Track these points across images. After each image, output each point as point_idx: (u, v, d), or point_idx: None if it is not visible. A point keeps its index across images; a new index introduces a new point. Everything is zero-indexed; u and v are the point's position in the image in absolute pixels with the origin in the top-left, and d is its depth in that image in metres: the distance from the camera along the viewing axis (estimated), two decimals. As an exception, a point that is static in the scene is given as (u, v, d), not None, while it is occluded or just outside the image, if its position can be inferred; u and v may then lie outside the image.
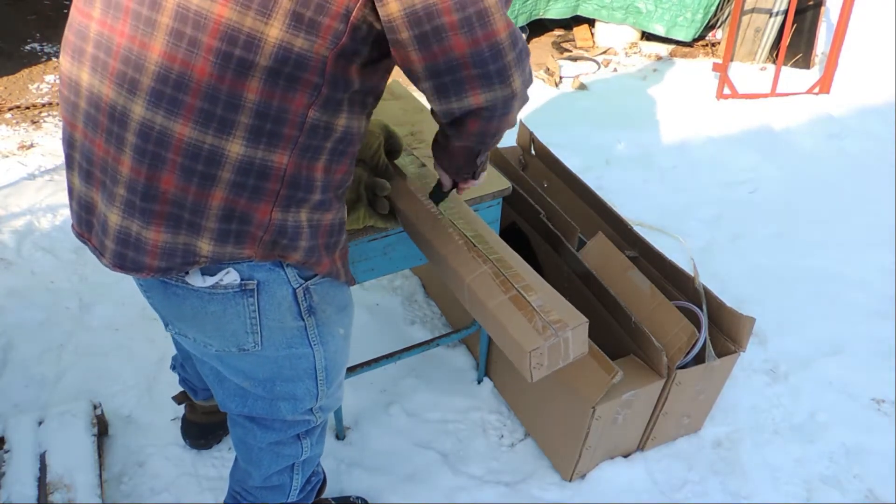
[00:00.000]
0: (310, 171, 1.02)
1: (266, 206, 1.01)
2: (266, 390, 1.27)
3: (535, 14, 4.08)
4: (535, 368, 1.20)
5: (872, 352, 2.30)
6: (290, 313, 1.15)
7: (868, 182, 3.16)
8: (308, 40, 0.92)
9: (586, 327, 1.22)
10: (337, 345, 1.29)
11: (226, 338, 1.15)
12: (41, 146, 3.06)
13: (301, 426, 1.38)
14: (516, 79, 1.00)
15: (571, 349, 1.22)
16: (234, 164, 0.97)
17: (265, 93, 0.94)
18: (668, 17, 4.12)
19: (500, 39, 0.95)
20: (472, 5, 0.92)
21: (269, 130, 0.96)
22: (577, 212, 2.12)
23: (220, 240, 1.01)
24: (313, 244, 1.09)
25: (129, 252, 1.03)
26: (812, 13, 4.02)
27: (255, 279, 1.08)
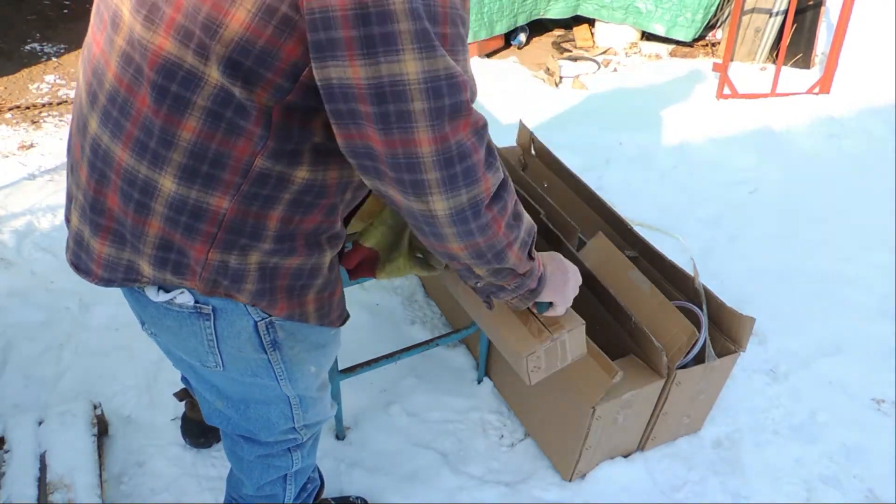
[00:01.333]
0: (259, 219, 0.94)
1: (202, 246, 0.94)
2: (240, 413, 1.23)
3: (536, 14, 4.08)
4: (532, 372, 1.20)
5: (872, 352, 2.30)
6: (251, 345, 1.07)
7: (868, 182, 3.16)
8: (247, 90, 0.84)
9: (583, 329, 1.22)
10: (307, 382, 1.20)
11: (189, 351, 1.11)
12: (41, 146, 3.06)
13: (288, 442, 1.35)
14: (437, 201, 0.86)
15: (569, 351, 1.22)
16: (166, 198, 0.91)
17: (203, 134, 0.87)
18: (668, 17, 4.12)
19: (420, 152, 0.82)
20: (394, 102, 0.79)
21: (205, 172, 0.89)
22: (577, 212, 2.12)
23: (159, 266, 0.97)
24: (264, 287, 1.00)
25: (82, 254, 1.05)
26: (812, 13, 4.02)
27: (211, 304, 1.02)
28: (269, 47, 0.81)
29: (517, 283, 1.07)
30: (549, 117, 3.54)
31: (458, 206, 0.87)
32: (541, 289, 1.12)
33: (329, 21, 0.76)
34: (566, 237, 1.87)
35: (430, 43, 0.78)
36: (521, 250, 1.01)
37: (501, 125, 3.40)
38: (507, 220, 0.95)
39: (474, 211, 0.89)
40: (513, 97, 3.72)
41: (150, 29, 0.86)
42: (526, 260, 1.04)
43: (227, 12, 0.80)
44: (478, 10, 3.84)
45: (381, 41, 0.76)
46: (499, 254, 0.97)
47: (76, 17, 4.17)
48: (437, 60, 0.79)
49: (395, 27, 0.76)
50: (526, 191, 1.98)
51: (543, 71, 4.01)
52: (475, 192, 0.88)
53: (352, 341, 2.16)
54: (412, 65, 0.77)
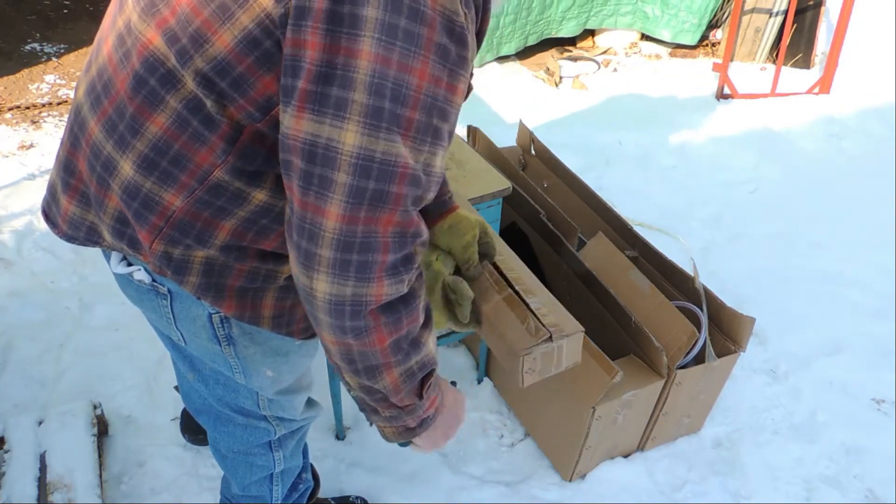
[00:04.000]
0: (209, 225, 0.92)
1: (148, 235, 0.94)
2: (209, 389, 1.21)
3: (547, 33, 4.07)
4: (526, 373, 1.19)
5: (872, 352, 2.30)
6: (206, 333, 1.06)
7: (868, 182, 3.16)
8: (219, 105, 0.84)
9: (581, 337, 1.21)
10: (262, 382, 1.16)
11: (154, 322, 1.13)
12: (41, 146, 3.06)
13: (262, 434, 1.30)
14: (321, 281, 0.81)
15: (565, 358, 1.22)
16: (123, 181, 0.92)
17: (169, 132, 0.87)
18: (674, 22, 4.11)
19: (324, 224, 0.78)
20: (322, 165, 0.77)
21: (163, 168, 0.89)
22: (577, 212, 2.12)
23: (117, 237, 0.99)
24: (210, 282, 0.98)
25: (53, 206, 1.07)
26: (812, 13, 4.02)
27: (167, 287, 1.02)
28: (247, 76, 0.81)
29: (392, 414, 0.97)
30: (549, 117, 3.54)
31: (339, 297, 0.82)
32: (420, 431, 1.02)
33: (297, 69, 0.76)
34: (566, 237, 1.87)
35: (378, 122, 0.76)
36: (403, 380, 0.92)
37: (501, 125, 3.40)
38: (394, 339, 0.87)
39: (354, 309, 0.83)
40: (513, 97, 3.72)
41: (144, 21, 0.88)
42: (408, 394, 0.95)
43: (215, 31, 0.81)
44: (488, 36, 3.82)
45: (333, 103, 0.75)
46: (372, 369, 0.90)
47: (76, 17, 4.17)
48: (379, 142, 0.76)
49: (350, 95, 0.75)
50: (526, 191, 1.98)
51: (543, 71, 4.01)
52: (363, 290, 0.82)
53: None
54: (351, 136, 0.76)
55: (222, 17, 0.80)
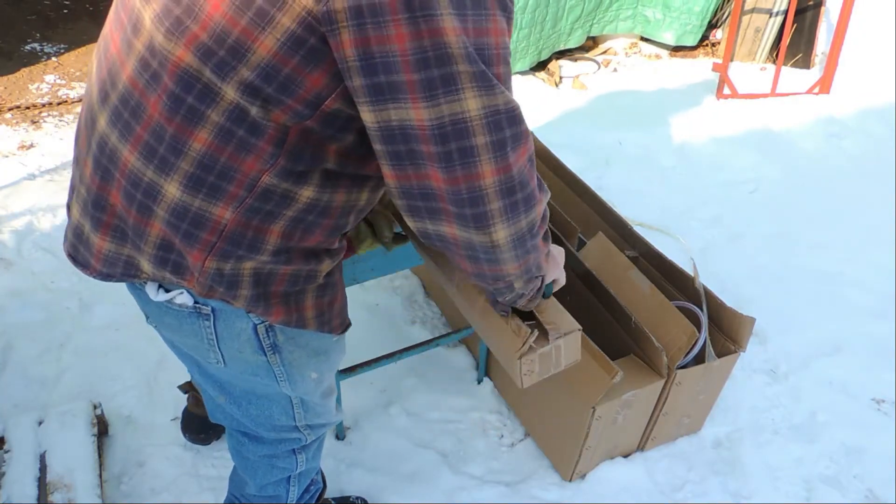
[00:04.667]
0: (259, 232, 0.94)
1: (199, 254, 0.95)
2: (242, 410, 1.23)
3: (557, 46, 4.06)
4: (525, 375, 1.19)
5: (872, 352, 2.30)
6: (250, 346, 1.08)
7: (868, 182, 3.16)
8: (264, 110, 0.85)
9: (579, 335, 1.21)
10: (307, 387, 1.20)
11: (189, 348, 1.12)
12: (41, 146, 3.06)
13: (293, 442, 1.35)
14: (500, 230, 0.89)
15: (563, 357, 1.21)
16: (169, 204, 0.92)
17: (214, 146, 0.88)
18: (676, 25, 4.10)
19: (483, 185, 0.85)
20: (456, 140, 0.82)
21: (210, 183, 0.90)
22: (577, 212, 2.12)
23: (159, 265, 0.98)
24: (259, 293, 1.00)
25: (80, 247, 1.05)
26: (812, 13, 4.02)
27: (210, 305, 1.03)
28: (294, 75, 0.82)
29: (533, 286, 1.09)
30: (549, 117, 3.54)
31: (518, 232, 0.92)
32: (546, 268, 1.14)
33: (390, 65, 0.78)
34: (566, 237, 1.87)
35: (488, 82, 0.81)
36: (547, 256, 1.06)
37: (501, 125, 3.40)
38: (545, 230, 1.00)
39: (531, 232, 0.94)
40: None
41: (171, 41, 0.86)
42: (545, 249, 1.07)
43: (255, 38, 0.81)
44: None
45: (441, 83, 0.79)
46: (540, 265, 1.03)
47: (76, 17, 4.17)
48: (497, 96, 0.82)
49: (453, 69, 0.78)
50: (526, 191, 1.98)
51: (543, 71, 4.01)
52: (532, 215, 0.93)
53: (352, 341, 2.15)
54: (472, 102, 0.80)
55: (262, 24, 0.80)
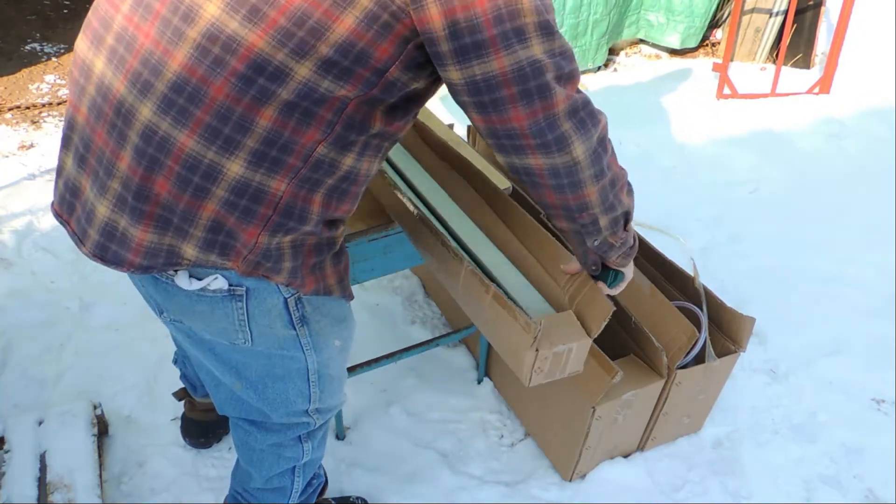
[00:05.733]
0: (306, 202, 1.02)
1: (254, 229, 1.00)
2: (258, 393, 1.26)
3: (584, 65, 4.04)
4: (535, 373, 1.19)
5: (872, 352, 2.30)
6: (281, 321, 1.14)
7: (868, 182, 3.16)
8: (336, 84, 0.93)
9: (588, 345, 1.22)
10: (331, 353, 1.27)
11: (216, 332, 1.15)
12: (41, 146, 3.06)
13: (300, 428, 1.38)
14: (577, 145, 1.00)
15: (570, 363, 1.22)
16: (230, 182, 0.97)
17: (278, 122, 0.94)
18: (680, 28, 4.10)
19: (557, 111, 0.97)
20: (534, 78, 0.95)
21: (273, 157, 0.96)
22: (577, 212, 2.11)
23: (206, 248, 1.01)
24: (296, 265, 1.08)
25: (112, 245, 1.04)
26: (812, 13, 4.02)
27: (245, 286, 1.07)
28: (367, 48, 0.92)
29: (623, 239, 1.18)
30: (549, 117, 3.54)
31: (590, 145, 1.02)
32: (636, 245, 1.25)
33: (475, 27, 0.91)
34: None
35: (549, 28, 0.95)
36: (628, 192, 1.15)
37: (501, 125, 3.40)
38: (616, 156, 1.10)
39: (602, 145, 1.05)
40: (513, 97, 3.71)
41: (248, 27, 0.92)
42: (629, 194, 1.16)
43: (336, 18, 0.90)
44: None
45: (514, 34, 0.92)
46: (618, 191, 1.11)
47: (76, 16, 4.17)
48: (556, 40, 0.96)
49: (523, 20, 0.92)
50: (526, 191, 1.98)
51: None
52: (599, 127, 1.03)
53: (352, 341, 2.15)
54: (538, 47, 0.94)
55: (343, 5, 0.90)
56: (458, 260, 1.28)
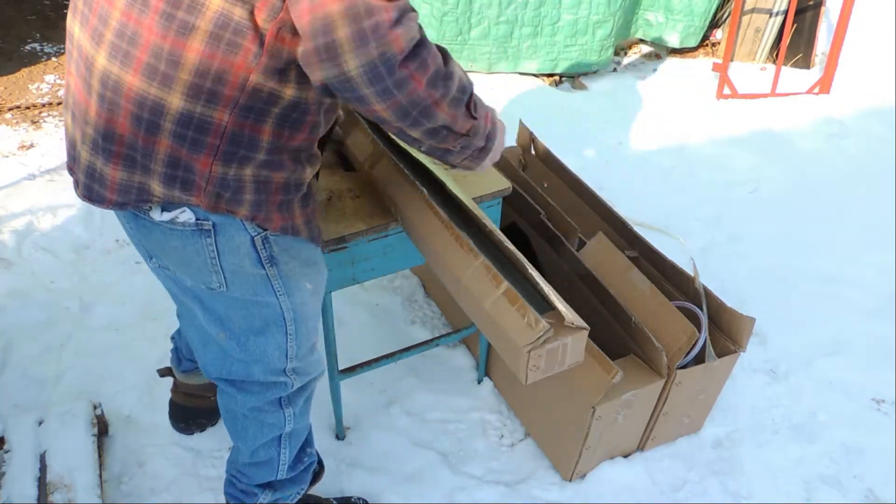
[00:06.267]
0: (254, 131, 1.06)
1: (206, 159, 1.06)
2: (240, 346, 1.33)
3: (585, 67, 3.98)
4: (531, 370, 1.19)
5: (872, 352, 2.30)
6: (250, 259, 1.19)
7: (868, 182, 3.16)
8: (245, 9, 0.98)
9: (586, 335, 1.21)
10: (304, 297, 1.31)
11: (193, 273, 1.21)
12: (41, 146, 3.06)
13: (279, 389, 1.43)
14: (349, 60, 0.95)
15: (568, 356, 1.22)
16: (174, 115, 1.03)
17: (205, 54, 1.00)
18: (680, 27, 4.09)
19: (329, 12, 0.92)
20: None
21: (208, 89, 1.02)
22: (577, 212, 2.11)
23: (168, 183, 1.09)
24: (260, 199, 1.13)
25: (94, 185, 1.14)
26: (812, 13, 4.02)
27: (211, 220, 1.13)
28: None
29: (462, 144, 1.14)
30: (549, 117, 3.54)
31: (369, 62, 0.95)
32: (491, 146, 1.20)
33: None
34: (566, 237, 1.87)
35: None
36: (453, 107, 1.07)
37: (501, 125, 3.40)
38: (428, 77, 1.00)
39: (388, 67, 0.96)
40: (513, 97, 3.72)
41: None
42: (464, 117, 1.10)
43: None
44: (503, 46, 3.76)
45: None
46: (425, 111, 1.04)
47: (76, 17, 4.17)
48: None
49: None
50: (526, 191, 1.98)
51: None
52: (385, 48, 0.94)
53: (352, 341, 2.16)
54: None
55: None
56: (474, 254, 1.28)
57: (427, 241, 1.37)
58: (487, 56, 3.75)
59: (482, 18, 3.61)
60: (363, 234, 1.50)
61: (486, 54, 3.74)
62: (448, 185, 1.45)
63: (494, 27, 3.65)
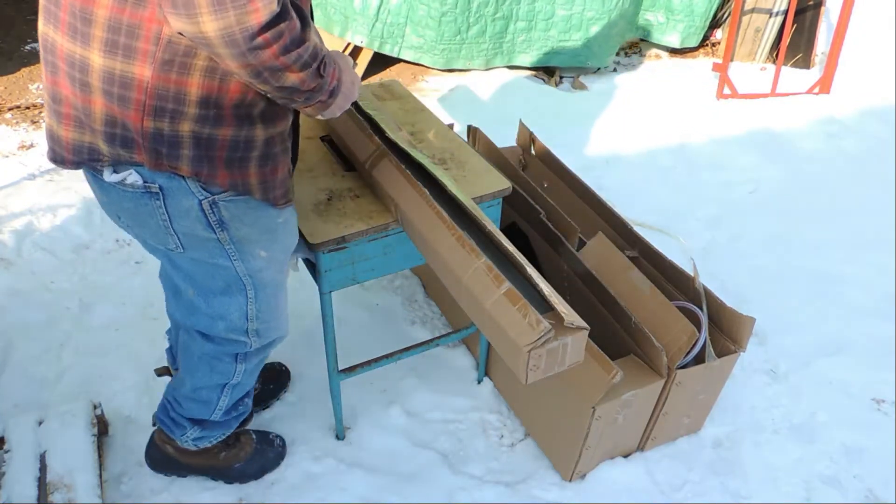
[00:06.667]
0: (180, 84, 1.08)
1: (136, 115, 1.09)
2: (206, 303, 1.39)
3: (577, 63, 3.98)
4: (531, 370, 1.19)
5: (872, 352, 2.30)
6: (200, 224, 1.22)
7: (868, 182, 3.16)
8: None
9: (586, 335, 1.21)
10: (258, 264, 1.34)
11: (151, 235, 1.27)
12: (41, 146, 3.06)
13: (238, 346, 1.49)
14: (207, 22, 0.97)
15: (568, 356, 1.22)
16: (99, 73, 1.07)
17: (114, 8, 1.02)
18: (680, 27, 4.10)
19: None
20: None
21: (123, 44, 1.04)
22: (577, 212, 2.12)
23: (111, 142, 1.13)
24: (201, 154, 1.14)
25: (56, 147, 1.20)
26: (812, 13, 4.02)
27: (158, 183, 1.17)
28: None
29: (306, 97, 1.16)
30: (549, 117, 3.54)
31: (227, 30, 0.97)
32: (331, 101, 1.23)
33: None
34: (566, 237, 1.87)
35: None
36: (302, 71, 1.10)
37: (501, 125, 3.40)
38: (283, 46, 1.04)
39: (244, 36, 0.99)
40: (513, 97, 3.72)
41: None
42: (311, 78, 1.13)
43: None
44: (498, 42, 3.77)
45: None
46: (276, 75, 1.07)
47: (76, 17, 4.16)
48: None
49: None
50: (526, 191, 1.98)
51: (543, 71, 4.01)
52: (243, 18, 0.97)
53: (352, 341, 2.16)
54: None
55: None
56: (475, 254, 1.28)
57: (428, 242, 1.37)
58: (485, 53, 3.77)
59: (480, 17, 3.62)
60: (363, 234, 1.51)
61: (484, 51, 3.76)
62: (448, 186, 1.45)
63: (491, 24, 3.67)
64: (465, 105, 3.60)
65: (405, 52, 3.68)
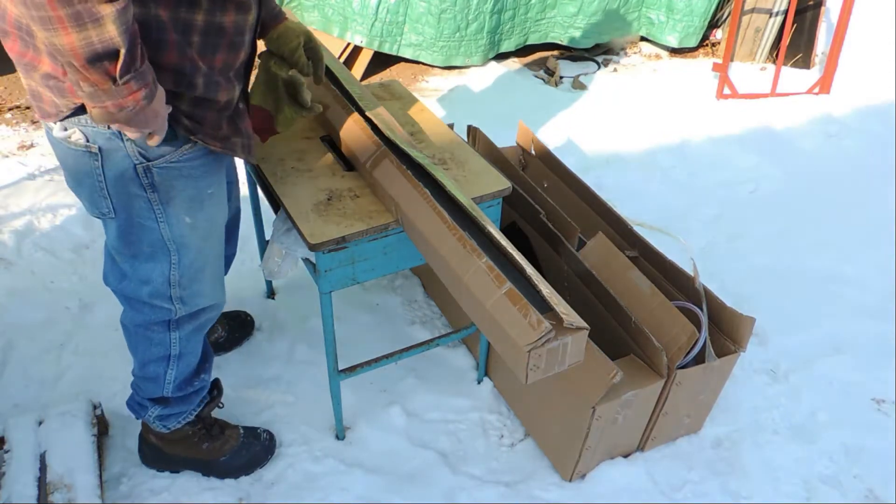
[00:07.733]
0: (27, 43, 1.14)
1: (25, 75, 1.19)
2: (132, 269, 1.44)
3: (554, 37, 4.04)
4: (531, 370, 1.19)
5: (872, 352, 2.30)
6: (134, 183, 1.29)
7: (868, 182, 3.16)
8: None
9: (586, 335, 1.21)
10: (183, 230, 1.40)
11: (86, 197, 1.34)
12: (41, 146, 3.06)
13: (164, 313, 1.52)
14: None
15: (568, 356, 1.22)
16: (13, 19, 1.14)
17: None
18: (680, 27, 4.10)
19: None
20: None
21: None
22: (577, 212, 2.12)
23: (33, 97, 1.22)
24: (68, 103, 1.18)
25: (32, 101, 1.24)
26: (812, 13, 4.02)
27: (98, 144, 1.24)
28: None
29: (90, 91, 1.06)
30: (549, 117, 3.54)
31: None
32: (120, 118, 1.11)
33: None
34: (566, 237, 1.87)
35: None
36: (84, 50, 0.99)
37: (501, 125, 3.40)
38: None
39: None
40: (513, 97, 3.72)
41: None
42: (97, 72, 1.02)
43: None
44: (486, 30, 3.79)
45: None
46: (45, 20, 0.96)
47: (76, 16, 4.16)
48: None
49: None
50: (526, 191, 1.98)
51: (543, 71, 4.01)
52: None
53: (352, 341, 2.16)
54: None
55: None
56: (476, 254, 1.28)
57: (429, 242, 1.37)
58: (483, 49, 3.79)
59: (479, 14, 3.63)
60: (363, 234, 1.50)
61: (482, 47, 3.78)
62: (448, 187, 1.45)
63: (489, 20, 3.69)
64: (465, 105, 3.60)
65: (404, 49, 3.68)
